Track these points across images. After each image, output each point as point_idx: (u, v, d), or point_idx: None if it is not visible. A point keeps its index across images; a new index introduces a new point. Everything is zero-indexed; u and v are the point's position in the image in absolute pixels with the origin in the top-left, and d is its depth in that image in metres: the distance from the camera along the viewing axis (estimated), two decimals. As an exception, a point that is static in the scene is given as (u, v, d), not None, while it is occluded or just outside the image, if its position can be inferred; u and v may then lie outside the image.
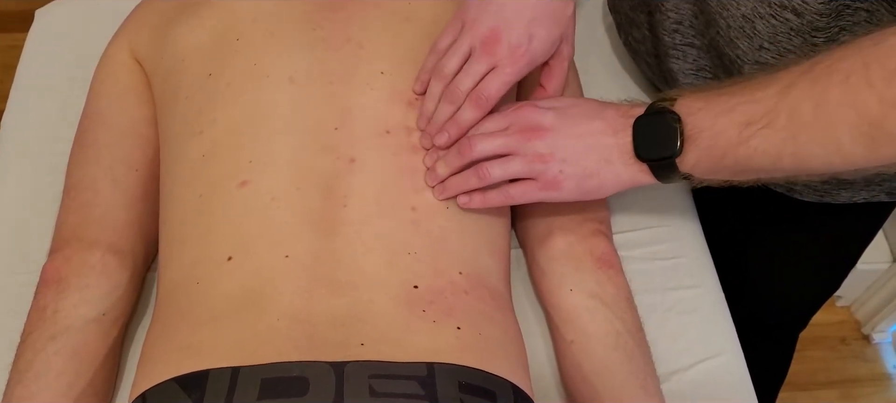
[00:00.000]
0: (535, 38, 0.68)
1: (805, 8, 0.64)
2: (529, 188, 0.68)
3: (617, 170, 0.67)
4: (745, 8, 0.69)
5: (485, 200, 0.69)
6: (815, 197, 0.81)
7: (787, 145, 0.58)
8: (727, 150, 0.61)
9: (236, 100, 0.70)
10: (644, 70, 0.92)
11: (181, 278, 0.66)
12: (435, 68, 0.71)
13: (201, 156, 0.69)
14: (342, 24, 0.74)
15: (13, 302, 0.75)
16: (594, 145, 0.67)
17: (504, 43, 0.68)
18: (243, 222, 0.66)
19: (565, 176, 0.67)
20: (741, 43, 0.71)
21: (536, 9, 0.68)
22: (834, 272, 0.98)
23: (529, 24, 0.68)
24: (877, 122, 0.54)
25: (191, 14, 0.77)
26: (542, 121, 0.68)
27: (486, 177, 0.68)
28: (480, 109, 0.69)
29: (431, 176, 0.69)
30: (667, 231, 0.84)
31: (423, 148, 0.70)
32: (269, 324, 0.61)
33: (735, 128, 0.60)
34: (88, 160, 0.76)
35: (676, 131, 0.63)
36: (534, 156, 0.67)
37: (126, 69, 0.81)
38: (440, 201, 0.69)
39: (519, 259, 0.80)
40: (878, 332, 1.59)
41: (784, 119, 0.58)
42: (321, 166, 0.68)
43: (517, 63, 0.68)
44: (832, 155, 0.57)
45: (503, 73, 0.68)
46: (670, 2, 0.77)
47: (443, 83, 0.70)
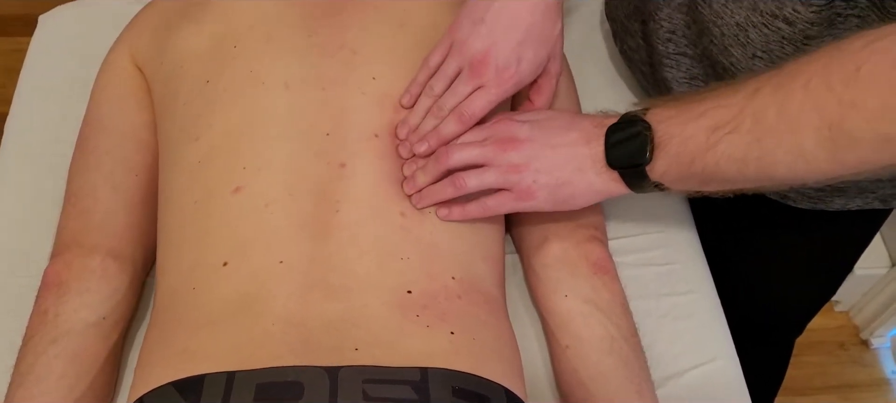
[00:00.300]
0: (523, 60, 0.70)
1: (796, 17, 0.65)
2: (505, 199, 0.69)
3: (590, 178, 0.67)
4: (739, 17, 0.69)
5: (464, 212, 0.70)
6: (808, 204, 0.82)
7: (752, 149, 0.59)
8: (696, 156, 0.61)
9: (233, 105, 0.71)
10: (639, 78, 0.93)
11: (178, 283, 0.67)
12: (425, 84, 0.72)
13: (198, 161, 0.70)
14: (337, 30, 0.75)
15: (13, 304, 0.76)
16: (568, 155, 0.68)
17: (492, 65, 0.69)
18: (238, 227, 0.66)
19: (539, 186, 0.68)
20: (735, 51, 0.72)
21: (525, 31, 0.70)
22: (829, 278, 0.99)
23: (517, 46, 0.69)
24: (836, 124, 0.54)
25: (190, 20, 0.77)
26: (517, 133, 0.69)
27: (462, 187, 0.69)
28: (463, 125, 0.70)
29: (409, 184, 0.70)
30: (662, 236, 0.85)
31: (401, 156, 0.71)
32: (264, 329, 0.61)
33: (703, 134, 0.61)
34: (89, 166, 0.77)
35: (646, 139, 0.63)
36: (508, 167, 0.68)
37: (127, 75, 0.81)
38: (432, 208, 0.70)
39: (515, 264, 0.80)
40: (876, 337, 1.59)
41: (749, 123, 0.58)
42: (314, 171, 0.68)
43: (504, 85, 0.70)
44: (796, 159, 0.57)
45: (489, 93, 0.70)
46: (663, 12, 0.78)
47: (431, 99, 0.71)
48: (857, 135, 0.54)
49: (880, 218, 0.89)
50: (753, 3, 0.67)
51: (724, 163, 0.60)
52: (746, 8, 0.68)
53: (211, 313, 0.63)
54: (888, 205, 0.82)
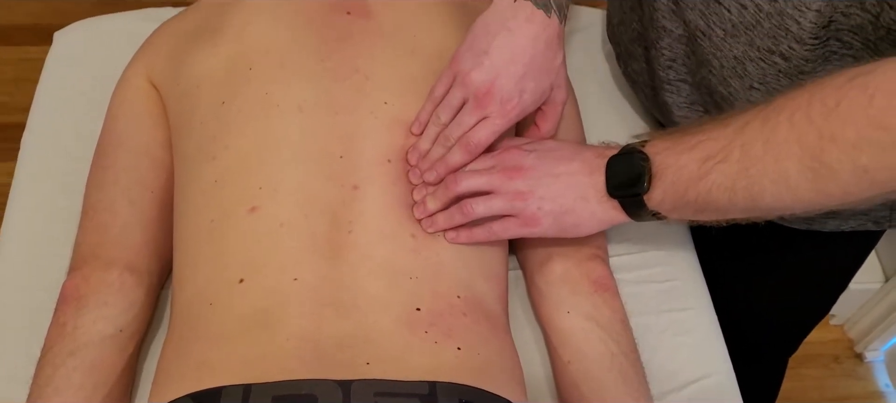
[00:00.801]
0: (526, 91, 0.72)
1: (792, 53, 0.67)
2: (510, 224, 0.72)
3: (592, 207, 0.70)
4: (737, 51, 0.71)
5: (471, 236, 0.72)
6: (803, 225, 0.84)
7: (740, 178, 0.61)
8: (689, 185, 0.64)
9: (248, 127, 0.73)
10: (642, 100, 0.95)
11: (195, 299, 0.69)
12: (432, 114, 0.74)
13: (214, 181, 0.72)
14: (350, 55, 0.77)
15: (30, 317, 0.77)
16: (571, 184, 0.70)
17: (496, 97, 0.71)
18: (254, 246, 0.68)
19: (543, 213, 0.70)
20: (733, 82, 0.74)
21: (526, 64, 0.71)
22: (823, 298, 1.01)
23: (520, 79, 0.71)
24: (817, 156, 0.57)
25: (206, 42, 0.79)
26: (523, 161, 0.72)
27: (470, 213, 0.71)
28: (469, 154, 0.73)
29: (420, 209, 0.72)
30: (661, 255, 0.87)
31: (411, 182, 0.73)
32: (278, 344, 0.63)
33: (695, 164, 0.64)
34: (106, 182, 0.78)
35: (644, 169, 0.66)
36: (514, 194, 0.71)
37: (142, 93, 0.83)
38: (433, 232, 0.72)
39: (518, 280, 0.82)
40: (870, 351, 1.60)
41: (738, 154, 0.61)
42: (327, 193, 0.70)
43: (508, 115, 0.72)
44: (781, 188, 0.60)
45: (493, 124, 0.72)
46: (664, 41, 0.80)
47: (439, 128, 0.74)
48: (836, 166, 0.56)
49: (874, 239, 0.91)
50: (751, 39, 0.69)
51: (715, 192, 0.63)
52: (744, 43, 0.70)
53: (227, 328, 0.65)
54: (881, 227, 0.85)
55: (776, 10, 0.66)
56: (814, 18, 0.64)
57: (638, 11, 0.86)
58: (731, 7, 0.69)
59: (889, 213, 0.83)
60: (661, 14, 0.78)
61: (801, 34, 0.65)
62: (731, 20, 0.70)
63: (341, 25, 0.79)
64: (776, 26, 0.67)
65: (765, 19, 0.67)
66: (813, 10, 0.63)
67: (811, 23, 0.64)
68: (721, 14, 0.70)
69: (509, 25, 0.72)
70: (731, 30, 0.70)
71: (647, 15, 0.82)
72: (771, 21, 0.67)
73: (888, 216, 0.83)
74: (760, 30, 0.68)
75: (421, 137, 0.75)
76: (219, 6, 0.83)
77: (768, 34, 0.68)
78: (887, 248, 1.53)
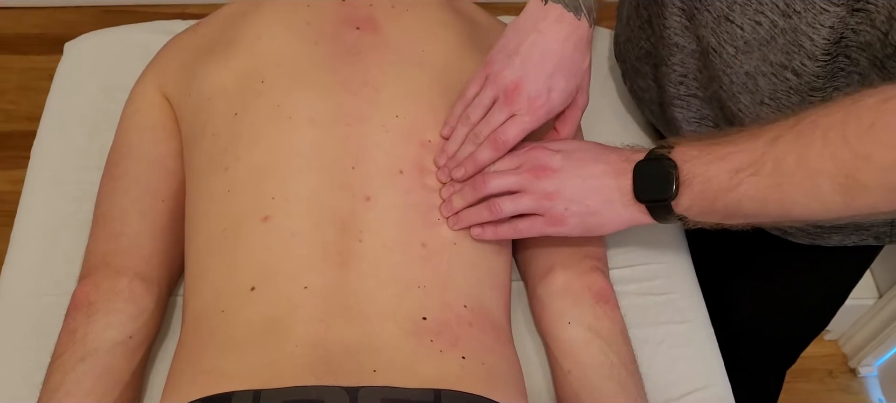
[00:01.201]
0: (554, 89, 0.74)
1: (804, 69, 0.69)
2: (536, 223, 0.73)
3: (617, 209, 0.72)
4: (748, 66, 0.73)
5: (496, 232, 0.74)
6: (807, 239, 0.86)
7: (772, 192, 0.63)
8: (718, 195, 0.66)
9: (260, 139, 0.74)
10: (647, 115, 0.97)
11: (206, 306, 0.70)
12: (462, 115, 0.76)
13: (226, 191, 0.73)
14: (360, 69, 0.78)
15: (39, 323, 0.79)
16: (597, 186, 0.72)
17: (524, 94, 0.73)
18: (265, 255, 0.70)
19: (570, 213, 0.72)
20: (743, 98, 0.76)
21: (556, 63, 0.73)
22: (822, 311, 1.02)
23: (549, 77, 0.73)
24: (851, 174, 0.59)
25: (218, 55, 0.81)
26: (550, 162, 0.73)
27: (498, 212, 0.73)
28: (497, 151, 0.74)
29: (447, 207, 0.74)
30: (660, 268, 0.88)
31: (440, 182, 0.75)
32: (288, 351, 0.65)
33: (726, 175, 0.65)
34: (117, 191, 0.79)
35: (672, 176, 0.68)
36: (542, 194, 0.72)
37: (154, 105, 0.84)
38: (450, 237, 0.73)
39: (520, 291, 0.84)
40: (864, 366, 1.61)
41: (770, 167, 0.63)
42: (338, 203, 0.72)
43: (536, 113, 0.74)
44: (812, 202, 0.62)
45: (522, 121, 0.74)
46: (676, 57, 0.82)
47: (468, 127, 0.75)
48: (869, 183, 0.58)
49: (873, 254, 0.93)
50: (764, 55, 0.71)
51: (745, 203, 0.65)
52: (757, 59, 0.72)
53: (238, 335, 0.67)
54: (881, 242, 0.87)
55: (791, 26, 0.67)
56: (827, 35, 0.65)
57: (647, 30, 0.88)
58: (744, 24, 0.71)
59: (889, 229, 0.85)
60: (672, 31, 0.80)
61: (813, 50, 0.67)
62: (743, 37, 0.72)
63: (351, 40, 0.81)
64: (790, 42, 0.68)
65: (779, 35, 0.69)
66: (827, 27, 0.65)
67: (824, 39, 0.66)
68: (733, 32, 0.72)
69: (539, 26, 0.74)
70: (743, 46, 0.72)
71: (657, 33, 0.84)
72: (785, 37, 0.68)
73: (888, 231, 0.85)
74: (774, 45, 0.70)
75: (450, 140, 0.76)
76: (230, 20, 0.85)
77: (782, 50, 0.69)
78: (881, 265, 1.54)
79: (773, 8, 0.68)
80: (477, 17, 0.91)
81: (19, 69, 1.93)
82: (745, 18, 0.71)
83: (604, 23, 1.14)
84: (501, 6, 1.31)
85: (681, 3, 0.78)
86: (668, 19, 0.80)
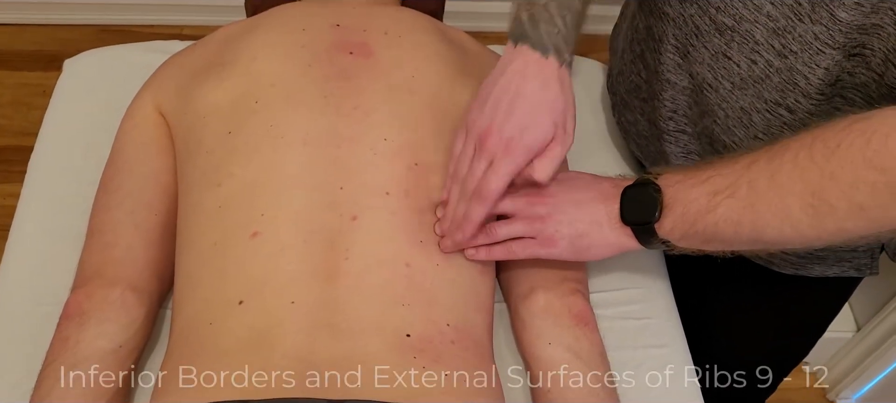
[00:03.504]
0: (528, 129, 0.72)
1: (798, 106, 0.72)
2: (529, 244, 0.76)
3: (605, 232, 0.74)
4: (744, 102, 0.76)
5: (489, 254, 0.77)
6: (790, 269, 0.88)
7: (746, 213, 0.66)
8: (697, 217, 0.68)
9: (253, 157, 0.76)
10: (633, 148, 0.99)
11: (195, 318, 0.72)
12: (453, 173, 0.77)
13: (218, 206, 0.75)
14: (352, 93, 0.81)
15: (34, 331, 0.79)
16: (588, 210, 0.75)
17: (496, 138, 0.72)
18: (254, 269, 0.72)
19: (561, 235, 0.74)
20: (737, 132, 0.78)
21: (525, 104, 0.73)
22: (802, 342, 1.03)
23: (521, 118, 0.72)
24: (818, 193, 0.61)
25: (214, 75, 0.83)
26: (544, 188, 0.76)
27: (494, 235, 0.76)
28: (485, 204, 0.73)
29: (441, 225, 0.76)
30: (639, 292, 0.90)
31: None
32: (274, 363, 0.66)
33: (705, 198, 0.68)
34: (112, 204, 0.81)
35: (656, 200, 0.71)
36: (534, 218, 0.75)
37: (151, 121, 0.86)
38: (434, 257, 0.75)
39: (502, 312, 0.85)
40: (842, 399, 1.62)
41: (745, 189, 0.66)
42: (326, 221, 0.74)
43: (512, 154, 0.72)
44: (784, 224, 0.64)
45: (501, 167, 0.73)
46: (667, 93, 0.84)
47: (459, 185, 0.76)
48: (834, 203, 0.61)
49: (853, 285, 0.95)
50: (759, 92, 0.74)
51: (722, 225, 0.67)
52: (751, 95, 0.74)
53: (225, 346, 0.68)
54: (862, 274, 0.88)
55: (786, 65, 0.70)
56: (822, 76, 0.68)
57: (639, 65, 0.89)
58: (740, 62, 0.73)
59: (870, 261, 0.87)
60: (666, 67, 0.82)
61: (808, 89, 0.70)
62: (740, 74, 0.74)
63: (344, 64, 0.83)
64: (785, 81, 0.71)
65: (774, 74, 0.71)
66: (822, 68, 0.68)
67: (819, 80, 0.69)
68: (730, 68, 0.75)
69: (507, 71, 0.74)
70: (739, 83, 0.75)
71: (650, 68, 0.86)
72: (780, 76, 0.71)
73: (869, 263, 0.87)
74: (769, 83, 0.72)
75: (448, 204, 0.77)
76: (227, 42, 0.87)
77: (776, 88, 0.72)
78: (859, 297, 1.57)
79: (770, 48, 0.70)
80: (467, 46, 0.94)
81: (13, 85, 1.95)
82: (742, 56, 0.73)
83: (595, 54, 1.17)
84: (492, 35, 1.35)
85: (675, 41, 0.80)
86: (662, 55, 0.82)
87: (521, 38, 0.74)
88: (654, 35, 0.83)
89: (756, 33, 0.71)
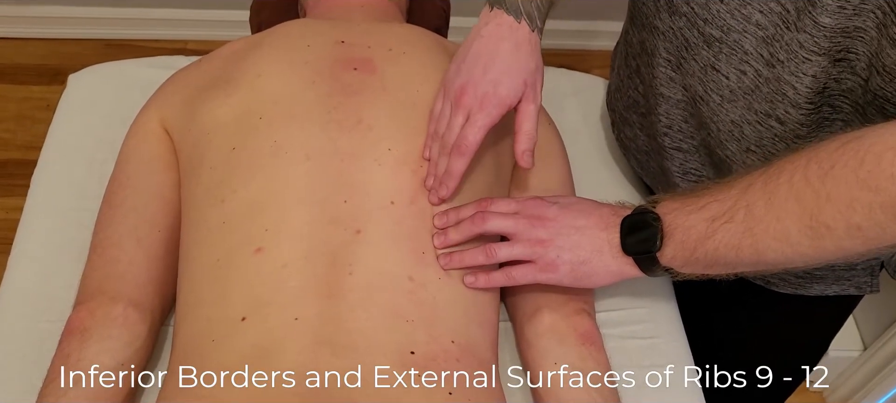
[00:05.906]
0: (501, 85, 0.76)
1: (788, 117, 0.72)
2: (529, 270, 0.75)
3: (607, 261, 0.74)
4: (734, 115, 0.76)
5: (489, 281, 0.76)
6: (790, 289, 0.88)
7: (745, 237, 0.65)
8: (697, 243, 0.68)
9: (256, 173, 0.76)
10: (633, 165, 0.99)
11: (197, 334, 0.71)
12: (433, 132, 0.79)
13: (222, 222, 0.75)
14: (354, 108, 0.81)
15: (36, 347, 0.79)
16: (588, 237, 0.74)
17: (472, 95, 0.76)
18: (257, 286, 0.71)
19: (562, 261, 0.74)
20: (730, 145, 0.78)
21: (498, 63, 0.76)
22: (803, 360, 1.03)
23: (494, 75, 0.76)
24: (815, 215, 0.61)
25: (219, 91, 0.83)
26: (545, 212, 0.76)
27: (493, 256, 0.75)
28: (464, 156, 0.76)
29: (440, 238, 0.76)
30: (645, 312, 0.90)
31: (432, 204, 0.77)
32: (277, 379, 0.66)
33: (703, 224, 0.68)
34: (115, 220, 0.81)
35: (656, 229, 0.70)
36: (535, 241, 0.74)
37: (155, 137, 0.86)
38: (437, 272, 0.75)
39: (507, 330, 0.85)
40: (849, 418, 1.63)
41: (742, 214, 0.65)
42: (330, 237, 0.73)
43: (487, 109, 0.75)
44: (783, 245, 0.64)
45: (477, 120, 0.76)
46: (662, 107, 0.84)
47: (439, 142, 0.78)
48: (831, 224, 0.60)
49: (854, 303, 0.95)
50: (749, 104, 0.74)
51: (722, 250, 0.67)
52: (742, 107, 0.74)
53: (228, 363, 0.68)
54: (862, 292, 0.88)
55: (774, 75, 0.70)
56: (810, 84, 0.68)
57: (635, 80, 0.90)
58: (729, 74, 0.73)
59: (870, 279, 0.87)
60: (659, 81, 0.83)
61: (797, 99, 0.70)
62: (729, 86, 0.74)
63: (348, 79, 0.83)
64: (774, 91, 0.71)
65: (763, 85, 0.71)
66: (809, 76, 0.68)
67: (807, 88, 0.68)
68: (719, 81, 0.75)
69: (482, 32, 0.77)
70: (729, 95, 0.75)
71: (646, 83, 0.86)
72: (769, 86, 0.71)
73: (869, 281, 0.87)
74: (758, 94, 0.72)
75: (430, 161, 0.79)
76: (231, 58, 0.87)
77: (766, 98, 0.72)
78: (866, 317, 1.56)
79: (758, 58, 0.70)
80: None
81: (17, 99, 1.96)
82: (730, 67, 0.73)
83: (596, 71, 1.18)
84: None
85: (667, 54, 0.80)
86: (655, 69, 0.82)
87: (497, 2, 0.77)
88: (648, 49, 0.84)
89: (745, 43, 0.71)
